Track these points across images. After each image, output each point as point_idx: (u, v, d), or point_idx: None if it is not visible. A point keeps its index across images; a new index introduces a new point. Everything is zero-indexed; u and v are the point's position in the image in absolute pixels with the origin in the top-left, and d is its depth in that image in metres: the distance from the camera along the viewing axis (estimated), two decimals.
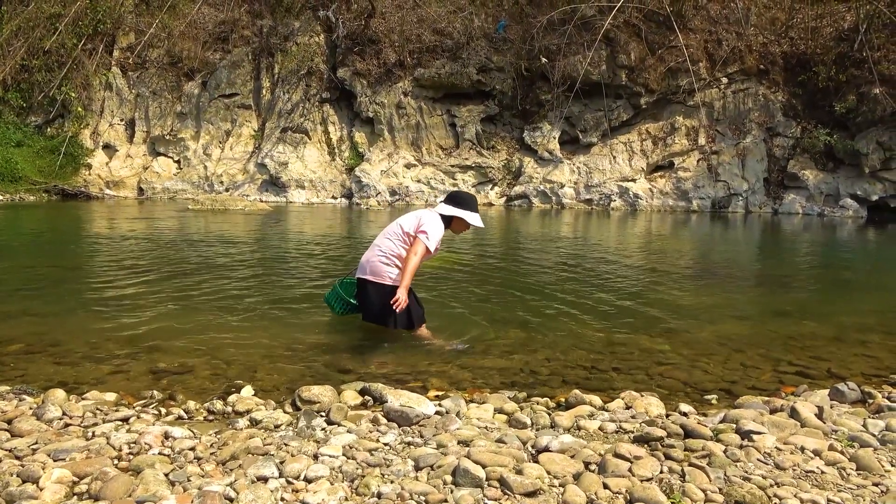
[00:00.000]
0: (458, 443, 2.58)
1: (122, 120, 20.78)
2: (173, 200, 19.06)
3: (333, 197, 19.59)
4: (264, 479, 2.23)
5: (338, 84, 20.63)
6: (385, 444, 2.60)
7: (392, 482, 2.22)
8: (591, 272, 8.15)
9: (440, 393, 3.58)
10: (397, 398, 3.11)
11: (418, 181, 19.56)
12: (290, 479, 2.25)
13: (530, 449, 2.57)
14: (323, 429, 2.80)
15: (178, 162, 20.60)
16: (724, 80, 19.12)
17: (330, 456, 2.44)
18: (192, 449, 2.54)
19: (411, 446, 2.58)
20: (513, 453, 2.42)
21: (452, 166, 19.71)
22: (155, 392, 3.45)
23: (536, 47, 19.17)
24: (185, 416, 3.09)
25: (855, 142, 17.80)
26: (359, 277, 4.63)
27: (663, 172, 19.26)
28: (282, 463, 2.36)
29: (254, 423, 2.91)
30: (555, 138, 19.50)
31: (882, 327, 5.51)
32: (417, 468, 2.34)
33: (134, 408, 3.21)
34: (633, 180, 19.00)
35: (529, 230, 14.13)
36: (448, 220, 4.55)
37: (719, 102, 19.16)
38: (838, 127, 18.10)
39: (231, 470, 2.34)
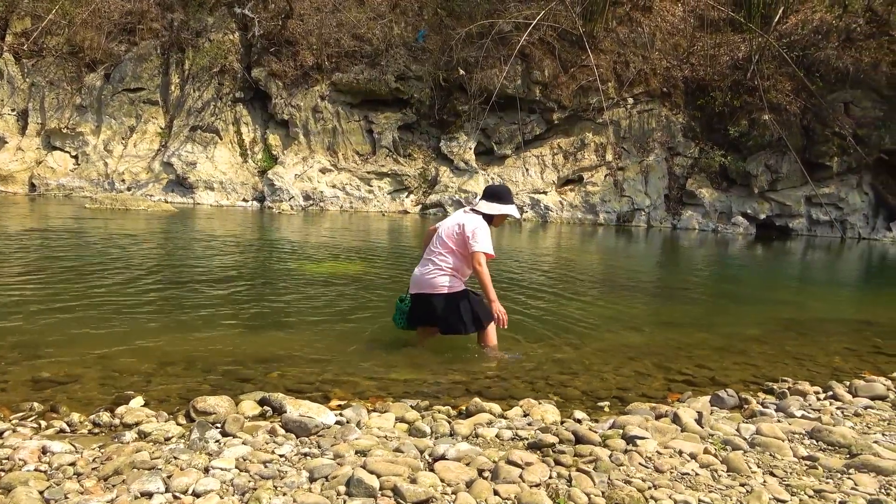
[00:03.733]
0: (356, 453, 2.59)
1: (13, 110, 19.35)
2: (69, 198, 17.92)
3: (244, 200, 19.04)
4: (149, 495, 2.15)
5: (252, 84, 20.11)
6: (281, 456, 2.56)
7: (284, 494, 2.20)
8: (500, 282, 8.33)
9: (343, 402, 3.56)
10: (297, 408, 3.08)
11: (334, 186, 19.35)
12: (177, 494, 2.17)
13: (427, 457, 2.61)
14: (217, 441, 2.72)
15: (75, 157, 19.38)
16: (631, 100, 20.08)
17: (222, 469, 2.38)
18: (73, 464, 2.41)
19: (308, 457, 2.56)
20: (409, 462, 2.45)
21: (369, 172, 19.63)
22: (35, 403, 3.24)
23: (455, 58, 19.44)
24: (68, 429, 2.92)
25: (746, 163, 19.14)
26: (416, 293, 4.63)
27: (573, 186, 19.97)
28: (169, 477, 2.28)
29: (142, 435, 2.79)
30: (471, 149, 19.81)
31: (762, 338, 5.92)
32: (312, 479, 2.32)
33: (10, 421, 3.00)
34: (545, 193, 19.58)
35: None
36: (490, 218, 4.60)
37: (626, 121, 20.10)
38: (732, 149, 19.39)
39: (113, 486, 2.23)
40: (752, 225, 19.20)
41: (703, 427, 3.12)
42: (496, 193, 4.66)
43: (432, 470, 2.43)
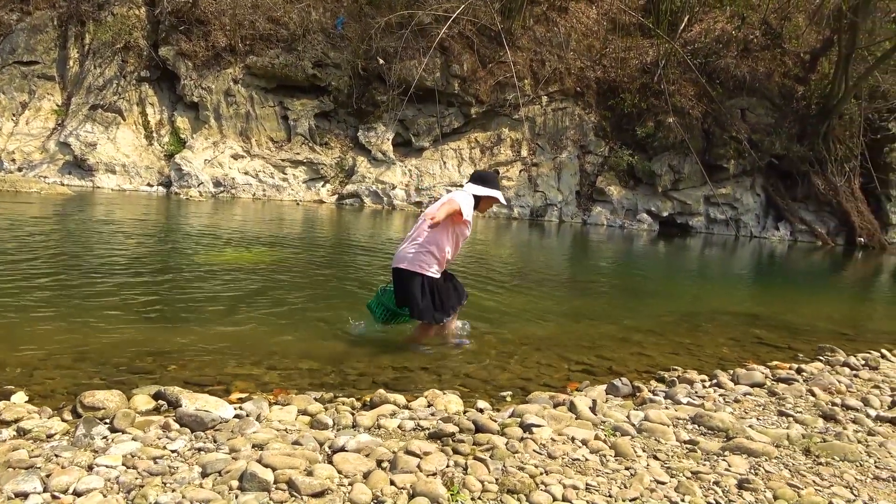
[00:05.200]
0: (253, 447, 2.54)
1: None
2: None
3: (149, 184, 18.13)
4: (24, 495, 2.03)
5: (159, 63, 19.13)
6: (173, 451, 2.48)
7: (174, 491, 2.13)
8: None
9: (244, 395, 3.48)
10: (193, 402, 2.98)
11: (246, 173, 18.75)
12: (56, 494, 2.07)
13: (327, 450, 2.60)
14: (104, 437, 2.60)
15: None
16: (546, 98, 20.58)
17: (107, 466, 2.28)
18: None
19: (201, 452, 2.49)
20: (306, 455, 2.43)
21: (283, 160, 19.16)
22: None
23: (374, 48, 19.25)
24: None
25: (652, 163, 20.06)
26: (394, 267, 4.59)
27: None
28: (48, 476, 2.16)
29: (21, 433, 2.63)
30: (389, 140, 19.71)
31: (658, 329, 6.24)
32: (204, 475, 2.27)
33: None
34: (461, 186, 19.72)
35: (360, 230, 14.15)
36: (477, 200, 4.60)
37: (541, 118, 20.58)
38: (639, 149, 20.27)
39: None
40: (655, 222, 20.17)
41: (596, 414, 3.27)
42: (484, 178, 4.72)
43: (331, 462, 2.42)
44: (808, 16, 22.11)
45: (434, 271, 4.58)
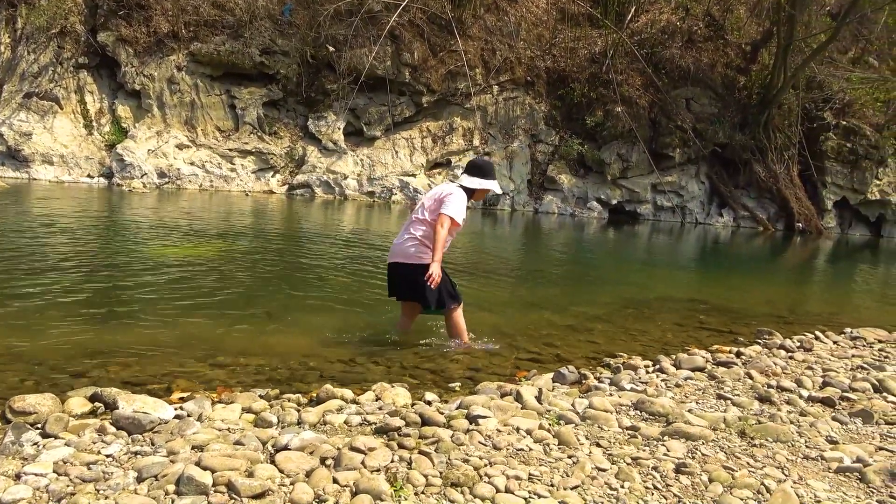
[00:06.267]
0: (192, 448, 2.48)
1: None
2: None
3: (89, 176, 17.47)
4: None
5: (98, 49, 18.38)
6: (108, 456, 2.40)
7: (107, 498, 2.06)
8: (366, 264, 8.30)
9: (186, 395, 3.40)
10: (130, 403, 2.89)
11: (192, 164, 18.25)
12: None
13: (270, 449, 2.56)
14: (35, 444, 2.50)
15: None
16: (497, 87, 20.64)
17: (36, 474, 2.19)
18: None
19: (138, 456, 2.42)
20: (248, 455, 2.39)
21: (231, 150, 18.72)
22: None
23: (323, 35, 18.93)
24: None
25: (601, 152, 20.39)
26: (390, 262, 4.62)
27: (441, 169, 20.26)
28: None
29: None
30: (339, 129, 19.47)
31: (606, 316, 6.36)
32: (140, 479, 2.20)
33: None
34: (414, 175, 19.71)
35: (312, 220, 13.96)
36: (471, 192, 4.54)
37: (492, 108, 20.65)
38: (588, 138, 20.57)
39: None
40: (605, 210, 20.54)
41: (542, 403, 3.32)
42: (479, 167, 4.66)
43: (273, 462, 2.39)
44: (748, 8, 22.77)
45: None
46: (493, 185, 4.65)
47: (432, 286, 4.27)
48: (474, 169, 4.65)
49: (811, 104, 21.22)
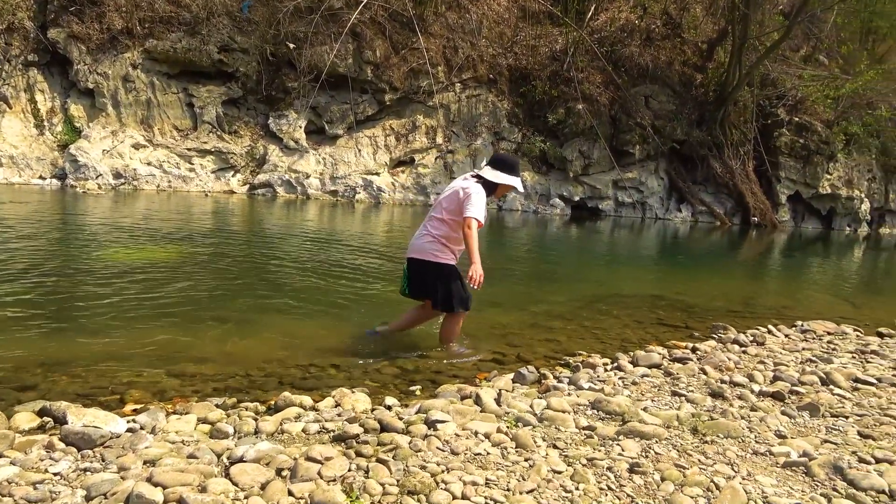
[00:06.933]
0: (144, 463, 2.44)
1: None
2: None
3: (41, 177, 16.92)
4: None
5: (48, 47, 17.79)
6: (55, 474, 2.34)
7: None
8: (328, 265, 8.23)
9: (139, 406, 3.33)
10: (80, 418, 2.82)
11: (149, 164, 17.82)
12: None
13: (225, 461, 2.53)
14: None
15: None
16: (459, 85, 20.66)
17: None
18: None
19: (87, 473, 2.37)
20: (201, 469, 2.35)
21: (189, 149, 18.33)
22: None
23: (283, 32, 18.67)
24: None
25: (563, 149, 20.58)
26: (408, 257, 4.58)
27: (404, 168, 20.21)
28: None
29: None
30: (301, 127, 19.24)
31: (568, 314, 6.43)
32: (89, 498, 2.15)
33: None
34: (377, 174, 19.62)
35: (273, 220, 13.78)
36: (492, 186, 4.43)
37: (455, 105, 20.66)
38: (551, 136, 20.75)
39: None
40: (567, 206, 20.75)
41: (500, 406, 3.34)
42: (505, 161, 4.49)
43: (228, 475, 2.36)
44: (704, 7, 23.22)
45: (453, 260, 4.58)
46: (517, 183, 4.48)
47: (477, 286, 4.23)
48: (499, 163, 4.48)
49: (765, 101, 21.79)
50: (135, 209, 13.49)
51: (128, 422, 2.94)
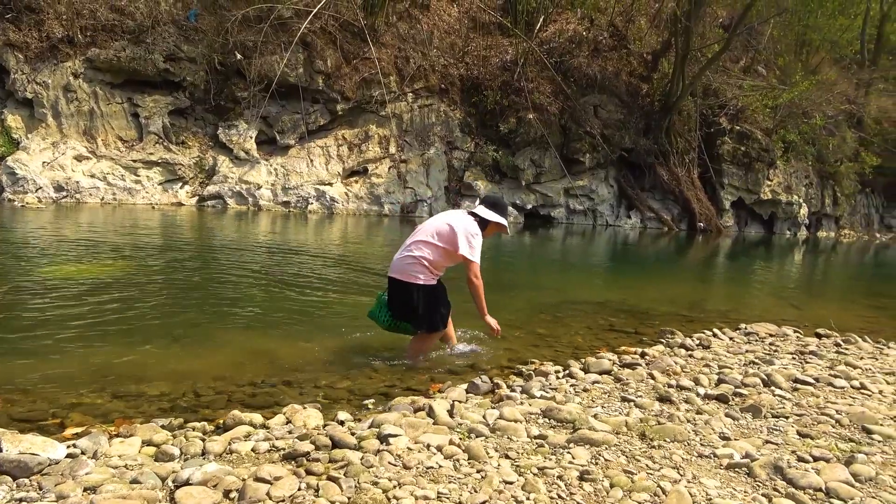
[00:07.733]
0: (84, 490, 2.35)
1: None
2: None
3: None
4: None
5: None
6: None
7: None
8: (281, 278, 8.10)
9: (80, 430, 3.21)
10: (16, 444, 2.71)
11: (92, 176, 17.26)
12: None
13: (170, 485, 2.46)
14: None
15: None
16: (412, 95, 20.71)
17: None
18: None
19: (23, 503, 2.27)
20: (144, 494, 2.29)
21: (135, 161, 17.84)
22: None
23: (231, 42, 18.39)
24: None
25: (515, 158, 20.83)
26: (392, 277, 4.61)
27: (358, 178, 20.11)
28: None
29: None
30: (251, 138, 18.96)
31: (521, 323, 6.46)
32: None
33: None
34: (330, 184, 19.47)
35: (224, 233, 13.51)
36: (484, 224, 4.62)
37: (408, 115, 20.70)
38: (503, 145, 20.98)
39: None
40: (521, 214, 21.00)
41: (454, 417, 3.35)
42: (497, 203, 4.80)
43: (173, 499, 2.30)
44: (649, 19, 23.92)
45: (434, 280, 4.67)
46: (506, 224, 4.85)
47: (497, 335, 4.69)
48: (492, 205, 4.76)
49: (708, 110, 22.54)
50: (78, 223, 13.03)
51: (68, 447, 2.82)
